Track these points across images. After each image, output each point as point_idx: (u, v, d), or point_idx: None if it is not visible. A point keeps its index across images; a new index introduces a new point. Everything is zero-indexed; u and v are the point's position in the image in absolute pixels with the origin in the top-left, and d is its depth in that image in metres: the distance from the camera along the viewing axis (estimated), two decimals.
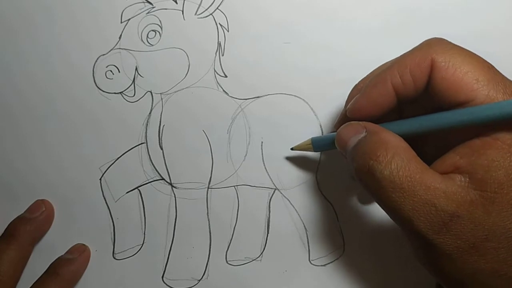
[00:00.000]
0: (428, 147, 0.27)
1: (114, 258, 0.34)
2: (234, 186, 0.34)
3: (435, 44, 0.25)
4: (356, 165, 0.24)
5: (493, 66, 0.24)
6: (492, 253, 0.23)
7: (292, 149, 0.33)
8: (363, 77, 0.29)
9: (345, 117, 0.28)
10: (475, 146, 0.24)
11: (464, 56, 0.24)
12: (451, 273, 0.23)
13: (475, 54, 0.25)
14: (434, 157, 0.25)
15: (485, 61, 0.24)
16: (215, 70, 0.33)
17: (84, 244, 0.34)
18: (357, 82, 0.29)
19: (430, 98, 0.25)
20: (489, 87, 0.23)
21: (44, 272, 0.34)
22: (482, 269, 0.23)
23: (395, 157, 0.23)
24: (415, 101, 0.26)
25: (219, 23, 0.33)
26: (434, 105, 0.25)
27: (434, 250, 0.23)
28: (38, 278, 0.34)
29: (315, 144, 0.31)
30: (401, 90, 0.26)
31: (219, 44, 0.33)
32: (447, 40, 0.25)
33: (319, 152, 0.33)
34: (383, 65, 0.28)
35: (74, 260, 0.34)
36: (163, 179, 0.34)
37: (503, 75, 0.24)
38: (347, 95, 0.30)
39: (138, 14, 0.33)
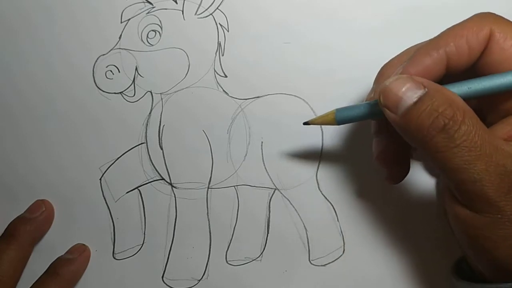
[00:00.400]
0: None
1: (114, 258, 0.34)
2: (234, 186, 0.34)
3: (490, 16, 0.25)
4: (425, 124, 0.23)
5: None
6: None
7: (306, 123, 0.29)
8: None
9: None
10: None
11: None
12: (507, 240, 0.23)
13: None
14: None
15: None
16: (215, 70, 0.33)
17: (84, 244, 0.34)
18: (388, 60, 0.28)
19: (474, 71, 0.25)
20: None
21: (44, 272, 0.34)
22: None
23: (467, 117, 0.22)
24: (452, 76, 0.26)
25: (219, 23, 0.33)
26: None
27: (495, 213, 0.22)
28: (38, 278, 0.34)
29: (340, 114, 0.27)
30: (454, 59, 0.25)
31: (219, 44, 0.33)
32: (495, 14, 0.25)
33: (319, 152, 0.33)
34: (415, 45, 0.27)
35: (74, 260, 0.34)
36: (163, 179, 0.34)
37: None
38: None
39: (138, 14, 0.33)
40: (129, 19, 0.34)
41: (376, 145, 0.29)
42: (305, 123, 0.29)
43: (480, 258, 0.25)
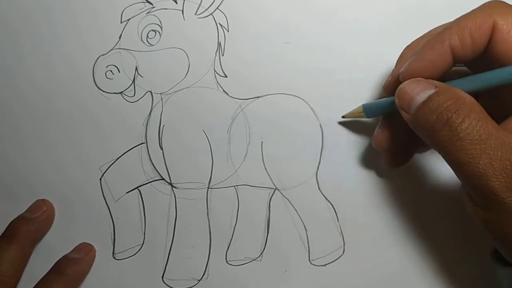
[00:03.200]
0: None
1: (114, 258, 0.34)
2: (234, 186, 0.34)
3: (497, 7, 0.25)
4: (430, 119, 0.24)
5: None
6: None
7: (343, 116, 0.32)
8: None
9: (396, 80, 0.28)
10: None
11: None
12: None
13: None
14: None
15: None
16: (215, 70, 0.33)
17: (90, 244, 0.34)
18: (409, 43, 0.29)
19: (480, 62, 0.26)
20: None
21: (50, 270, 0.33)
22: None
23: (472, 112, 0.23)
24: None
25: (219, 23, 0.33)
26: (482, 70, 0.25)
27: (503, 210, 0.22)
28: (43, 276, 0.33)
29: (366, 110, 0.30)
30: (458, 52, 0.25)
31: (219, 44, 0.33)
32: (507, 3, 0.26)
33: (319, 152, 0.33)
34: (439, 27, 0.28)
35: (80, 260, 0.33)
36: (163, 179, 0.34)
37: None
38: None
39: (138, 14, 0.33)
40: (129, 19, 0.34)
41: (380, 131, 0.30)
42: (343, 116, 0.32)
43: (502, 250, 0.25)
